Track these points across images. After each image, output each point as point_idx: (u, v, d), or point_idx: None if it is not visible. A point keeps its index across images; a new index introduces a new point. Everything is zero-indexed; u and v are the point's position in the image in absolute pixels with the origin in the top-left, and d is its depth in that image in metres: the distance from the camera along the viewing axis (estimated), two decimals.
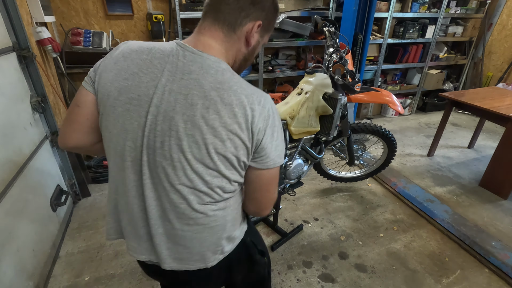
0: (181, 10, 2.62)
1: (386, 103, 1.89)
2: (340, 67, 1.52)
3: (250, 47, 0.77)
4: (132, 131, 0.68)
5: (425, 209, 2.18)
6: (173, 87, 0.65)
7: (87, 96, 0.74)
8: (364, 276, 1.70)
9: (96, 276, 1.67)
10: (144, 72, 0.67)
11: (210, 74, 0.66)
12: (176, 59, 0.67)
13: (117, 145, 0.71)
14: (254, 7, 0.72)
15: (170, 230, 0.76)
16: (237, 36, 0.73)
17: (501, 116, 2.27)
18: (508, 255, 1.76)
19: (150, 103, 0.66)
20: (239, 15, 0.71)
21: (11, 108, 1.56)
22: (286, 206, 2.27)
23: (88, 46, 2.44)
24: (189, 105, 0.64)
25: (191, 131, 0.65)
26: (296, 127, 1.58)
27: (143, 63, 0.68)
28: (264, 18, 0.75)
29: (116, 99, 0.68)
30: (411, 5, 3.46)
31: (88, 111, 0.74)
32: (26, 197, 1.57)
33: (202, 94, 0.64)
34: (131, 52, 0.70)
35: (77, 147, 0.79)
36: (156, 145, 0.67)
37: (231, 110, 0.65)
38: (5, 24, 1.61)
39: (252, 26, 0.73)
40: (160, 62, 0.67)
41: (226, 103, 0.65)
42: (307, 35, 3.15)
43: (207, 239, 0.78)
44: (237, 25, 0.72)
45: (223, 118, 0.64)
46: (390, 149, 2.25)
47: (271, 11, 0.76)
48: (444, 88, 4.22)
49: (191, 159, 0.67)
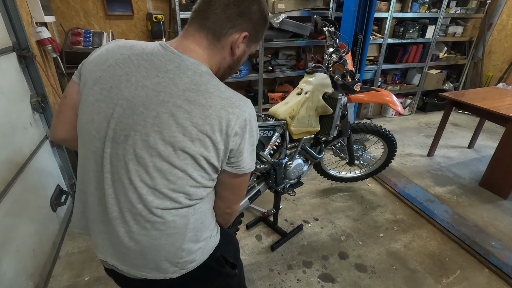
0: (181, 10, 2.62)
1: (386, 103, 1.89)
2: (340, 67, 1.52)
3: (235, 56, 0.78)
4: (98, 121, 0.68)
5: (425, 209, 2.18)
6: (146, 83, 0.66)
7: (73, 87, 0.75)
8: (364, 276, 1.70)
9: (96, 276, 1.67)
10: (120, 66, 0.68)
11: (187, 75, 0.67)
12: (154, 57, 0.68)
13: (85, 133, 0.71)
14: (241, 18, 0.72)
15: (126, 232, 0.71)
16: (221, 45, 0.73)
17: (501, 116, 2.27)
18: (508, 255, 1.76)
19: (120, 95, 0.66)
20: (225, 25, 0.71)
21: (11, 108, 1.56)
22: (286, 206, 2.27)
23: (88, 46, 2.44)
24: (160, 102, 0.64)
25: (159, 128, 0.64)
26: (296, 127, 1.58)
27: (121, 57, 0.69)
28: (251, 29, 0.74)
29: (90, 88, 0.69)
30: (411, 5, 3.46)
31: (73, 102, 0.75)
32: (26, 197, 1.57)
33: (175, 93, 0.65)
34: (114, 47, 0.72)
35: (66, 139, 0.80)
36: (121, 138, 0.66)
37: (203, 111, 0.65)
38: (5, 24, 1.61)
39: (238, 36, 0.73)
40: (137, 59, 0.68)
41: (200, 104, 0.65)
42: (307, 35, 3.15)
43: (164, 247, 0.73)
44: (222, 34, 0.72)
45: (194, 118, 0.64)
46: (390, 149, 2.25)
47: (259, 23, 0.76)
48: (444, 88, 4.22)
49: (155, 156, 0.65)
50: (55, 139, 0.81)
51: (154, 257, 0.73)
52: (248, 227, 2.03)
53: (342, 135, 1.96)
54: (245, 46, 0.78)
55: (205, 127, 0.65)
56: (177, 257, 0.75)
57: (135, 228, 0.71)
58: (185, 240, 0.75)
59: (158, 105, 0.64)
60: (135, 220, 0.70)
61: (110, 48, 0.72)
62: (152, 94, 0.65)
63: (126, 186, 0.68)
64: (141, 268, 0.75)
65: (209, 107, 0.65)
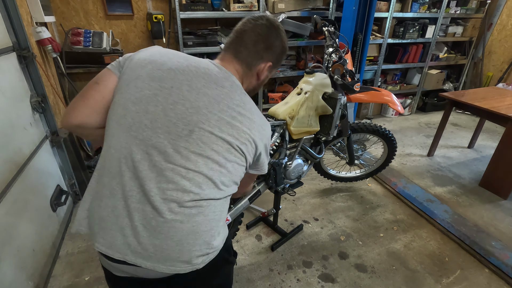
0: (181, 10, 2.62)
1: (386, 103, 1.89)
2: (340, 67, 1.52)
3: (260, 81, 0.95)
4: (154, 112, 0.74)
5: (425, 209, 2.18)
6: (207, 92, 0.78)
7: (110, 76, 0.80)
8: (364, 276, 1.70)
9: (96, 276, 1.67)
10: (181, 72, 0.78)
11: (237, 93, 0.82)
12: (211, 72, 0.81)
13: (131, 122, 0.75)
14: (267, 52, 0.90)
15: (166, 222, 0.72)
16: (251, 73, 0.91)
17: (501, 116, 2.27)
18: (508, 255, 1.76)
19: (182, 96, 0.76)
20: (255, 57, 0.89)
21: (11, 108, 1.56)
22: (286, 206, 2.27)
23: (88, 46, 2.44)
24: (220, 109, 0.78)
25: (219, 129, 0.77)
26: (295, 127, 1.58)
27: (180, 65, 0.79)
28: (274, 59, 0.92)
29: (146, 83, 0.76)
30: (411, 5, 3.46)
31: (106, 89, 0.79)
32: (26, 197, 1.57)
33: (231, 106, 0.79)
34: (167, 52, 0.83)
35: (82, 125, 0.78)
36: (184, 132, 0.75)
37: (250, 124, 0.81)
38: (5, 24, 1.61)
39: (264, 66, 0.91)
40: (196, 70, 0.80)
41: (247, 118, 0.81)
42: (307, 35, 3.15)
43: (201, 235, 0.76)
44: (253, 65, 0.90)
45: (244, 127, 0.80)
46: (390, 149, 2.25)
47: (280, 53, 0.94)
48: (444, 88, 4.22)
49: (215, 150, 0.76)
50: (70, 123, 0.77)
51: (190, 247, 0.75)
52: (248, 227, 2.03)
53: (342, 135, 1.96)
54: (268, 72, 0.95)
55: (251, 135, 0.81)
56: (209, 246, 0.78)
57: (180, 216, 0.74)
58: (218, 227, 0.82)
59: (219, 111, 0.77)
60: (182, 207, 0.74)
61: (163, 51, 0.83)
62: (214, 101, 0.78)
63: (183, 175, 0.74)
64: (171, 262, 0.74)
65: (253, 122, 0.82)
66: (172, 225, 0.73)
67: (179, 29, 2.68)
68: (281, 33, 0.91)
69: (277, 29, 0.90)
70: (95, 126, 0.79)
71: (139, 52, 0.83)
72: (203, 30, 2.87)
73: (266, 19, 0.89)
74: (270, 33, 0.88)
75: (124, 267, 0.76)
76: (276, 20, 0.91)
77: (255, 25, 0.87)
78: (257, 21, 0.88)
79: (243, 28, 0.88)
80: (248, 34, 0.87)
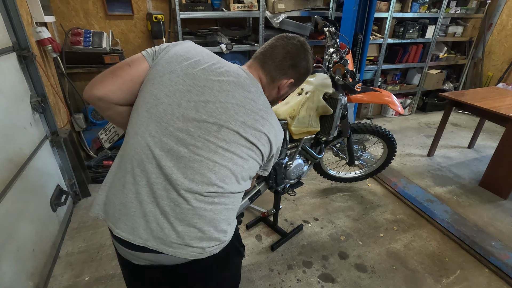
0: (181, 10, 2.62)
1: (386, 103, 1.89)
2: (341, 67, 1.52)
3: (279, 95, 1.02)
4: (187, 107, 0.79)
5: (425, 209, 2.18)
6: (235, 95, 0.84)
7: (143, 62, 0.84)
8: (364, 276, 1.70)
9: (96, 276, 1.67)
10: (213, 73, 0.83)
11: (261, 99, 0.89)
12: (240, 77, 0.87)
13: (163, 112, 0.79)
14: (292, 70, 0.96)
15: (191, 210, 0.77)
16: (273, 85, 0.97)
17: (501, 116, 2.27)
18: (508, 255, 1.76)
19: (213, 96, 0.81)
20: (279, 72, 0.95)
21: (11, 108, 1.56)
22: (286, 206, 2.27)
23: (88, 46, 2.44)
24: (245, 112, 0.84)
25: (244, 130, 0.82)
26: (296, 127, 1.58)
27: (214, 67, 0.84)
28: (296, 78, 0.99)
29: (181, 78, 0.81)
30: (411, 5, 3.46)
31: (136, 73, 0.83)
32: (26, 197, 1.57)
33: (255, 110, 0.85)
34: (202, 51, 0.88)
35: (104, 98, 0.80)
36: (213, 128, 0.80)
37: (270, 127, 0.87)
38: (5, 24, 1.60)
39: (286, 82, 0.97)
40: (227, 73, 0.85)
41: (268, 122, 0.87)
42: (307, 35, 3.15)
43: (220, 223, 0.82)
44: (276, 79, 0.96)
45: (265, 131, 0.86)
46: (390, 149, 2.25)
47: (304, 73, 1.00)
48: (444, 88, 4.22)
49: (240, 146, 0.82)
50: (94, 94, 0.79)
51: (210, 234, 0.80)
52: (248, 227, 2.03)
53: (342, 135, 1.96)
54: (288, 88, 1.01)
55: (269, 138, 0.87)
56: (225, 234, 0.84)
57: (203, 204, 0.78)
58: (233, 217, 0.88)
59: (245, 114, 0.83)
60: (207, 196, 0.78)
61: (199, 50, 0.88)
62: (241, 104, 0.83)
63: (210, 167, 0.78)
64: (192, 248, 0.78)
65: (272, 126, 0.88)
66: (196, 212, 0.77)
67: (179, 29, 2.68)
68: (308, 55, 0.98)
69: (305, 52, 0.97)
70: (115, 101, 0.83)
71: (175, 45, 0.87)
72: (203, 30, 2.87)
73: (298, 40, 0.96)
74: (299, 53, 0.95)
75: (145, 254, 0.79)
76: (307, 43, 0.98)
77: (287, 43, 0.94)
78: (289, 40, 0.95)
79: (275, 43, 0.95)
80: (278, 49, 0.94)
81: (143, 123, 0.79)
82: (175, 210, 0.76)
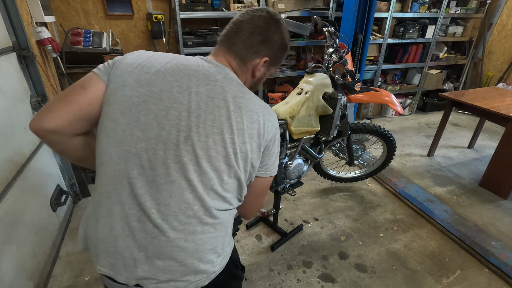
0: (181, 10, 2.62)
1: (386, 103, 1.89)
2: (340, 67, 1.52)
3: (255, 78, 0.86)
4: (146, 122, 0.68)
5: (425, 209, 2.18)
6: (199, 90, 0.71)
7: (98, 82, 0.72)
8: (364, 276, 1.70)
9: (96, 276, 1.66)
10: (170, 73, 0.71)
11: (233, 84, 0.75)
12: (201, 68, 0.74)
13: (121, 134, 0.68)
14: (263, 46, 0.81)
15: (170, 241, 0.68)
16: (246, 67, 0.82)
17: (501, 116, 2.27)
18: (508, 255, 1.76)
19: (173, 99, 0.69)
20: (250, 51, 0.80)
21: (11, 108, 1.56)
22: (286, 206, 2.27)
23: (88, 46, 2.44)
24: (216, 106, 0.71)
25: (218, 129, 0.70)
26: (296, 127, 1.58)
27: (169, 65, 0.72)
28: (271, 55, 0.83)
29: (134, 89, 0.69)
30: (411, 5, 3.46)
31: (93, 96, 0.71)
32: (26, 197, 1.57)
33: (228, 99, 0.72)
34: (153, 54, 0.76)
35: (58, 131, 0.67)
36: (180, 139, 0.68)
37: (251, 117, 0.73)
38: (5, 24, 1.61)
39: (259, 61, 0.82)
40: (185, 68, 0.73)
41: (248, 109, 0.73)
42: (307, 35, 3.15)
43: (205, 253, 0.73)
44: (247, 59, 0.81)
45: (245, 122, 0.72)
46: (389, 149, 2.25)
47: (279, 49, 0.84)
48: (444, 88, 4.22)
49: (213, 156, 0.70)
50: (44, 127, 0.66)
51: (195, 266, 0.71)
52: (248, 227, 2.03)
53: (342, 135, 1.96)
54: (265, 69, 0.86)
55: (253, 131, 0.74)
56: (213, 264, 0.74)
57: (183, 234, 0.69)
58: (224, 244, 0.77)
59: (214, 109, 0.70)
60: (186, 224, 0.69)
61: (150, 54, 0.76)
62: (207, 99, 0.71)
63: (184, 187, 0.68)
64: (175, 282, 0.70)
65: (255, 113, 0.74)
66: (175, 244, 0.69)
67: (179, 29, 2.68)
68: (281, 27, 0.82)
69: (277, 23, 0.81)
70: (70, 134, 0.70)
71: (125, 57, 0.75)
72: (203, 30, 2.87)
73: (266, 11, 0.81)
74: (269, 26, 0.80)
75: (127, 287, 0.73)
76: (277, 14, 0.83)
77: (253, 17, 0.79)
78: (256, 13, 0.80)
79: (240, 19, 0.80)
80: (244, 25, 0.79)
81: (106, 152, 0.69)
82: (152, 243, 0.68)
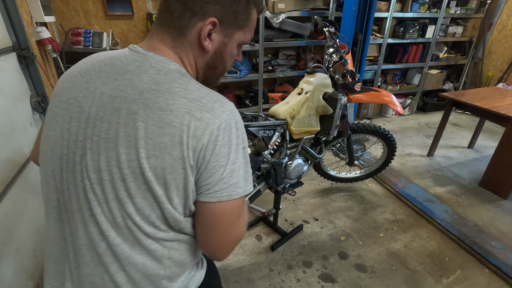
0: None
1: (386, 103, 1.89)
2: (340, 67, 1.52)
3: (209, 51, 0.61)
4: (54, 139, 0.58)
5: (425, 209, 2.18)
6: (104, 90, 0.55)
7: None
8: (364, 276, 1.70)
9: None
10: (81, 74, 0.59)
11: (148, 74, 0.55)
12: (117, 60, 0.58)
13: (41, 155, 0.61)
14: (202, 1, 0.56)
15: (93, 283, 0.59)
16: (188, 41, 0.59)
17: (501, 116, 2.27)
18: (508, 255, 1.76)
19: (77, 107, 0.56)
20: (185, 15, 0.57)
21: (11, 108, 1.56)
22: (286, 206, 2.27)
23: (88, 46, 2.44)
24: (114, 110, 0.53)
25: (111, 143, 0.53)
26: (296, 127, 1.58)
27: (84, 66, 0.60)
28: (222, 13, 0.58)
29: (51, 103, 0.61)
30: (411, 5, 3.46)
31: None
32: (26, 197, 1.57)
33: (131, 96, 0.53)
34: (87, 57, 0.64)
35: None
36: (76, 159, 0.55)
37: (161, 118, 0.51)
38: (5, 24, 1.61)
39: (203, 24, 0.57)
40: (100, 64, 0.58)
41: (158, 108, 0.52)
42: (307, 35, 3.15)
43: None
44: (184, 27, 0.58)
45: (150, 127, 0.51)
46: (389, 149, 2.25)
47: (233, 2, 0.58)
48: (444, 88, 4.22)
49: (108, 180, 0.53)
50: (36, 160, 0.67)
51: None
52: (248, 227, 2.03)
53: (342, 135, 1.96)
54: (221, 36, 0.61)
55: (164, 138, 0.51)
56: None
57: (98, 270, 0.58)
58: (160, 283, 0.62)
59: (111, 114, 0.53)
60: (100, 262, 0.58)
61: (80, 62, 0.64)
62: (107, 101, 0.54)
63: (86, 219, 0.56)
64: None
65: (170, 111, 0.51)
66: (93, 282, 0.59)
67: None
68: None
69: None
70: None
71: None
72: None
73: None
74: None
75: None
76: None
77: None
78: None
79: None
80: None
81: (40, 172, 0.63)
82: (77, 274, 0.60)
